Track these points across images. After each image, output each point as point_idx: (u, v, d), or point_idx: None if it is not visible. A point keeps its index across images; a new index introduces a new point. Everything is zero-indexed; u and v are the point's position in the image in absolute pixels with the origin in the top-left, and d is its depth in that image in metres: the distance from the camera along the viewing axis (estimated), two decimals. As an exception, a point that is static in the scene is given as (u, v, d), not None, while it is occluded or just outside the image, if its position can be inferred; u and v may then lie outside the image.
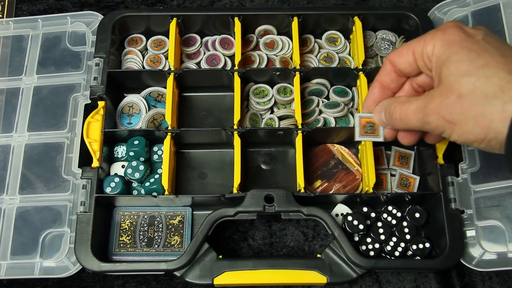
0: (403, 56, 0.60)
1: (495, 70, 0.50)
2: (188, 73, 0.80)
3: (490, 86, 0.49)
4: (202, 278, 0.69)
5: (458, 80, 0.52)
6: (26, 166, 0.76)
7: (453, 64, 0.53)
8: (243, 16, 0.83)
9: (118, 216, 0.75)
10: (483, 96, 0.50)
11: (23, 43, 0.83)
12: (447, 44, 0.54)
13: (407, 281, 0.74)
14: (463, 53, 0.53)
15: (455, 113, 0.52)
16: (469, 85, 0.51)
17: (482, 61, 0.51)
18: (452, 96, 0.52)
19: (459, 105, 0.51)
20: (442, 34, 0.55)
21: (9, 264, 0.71)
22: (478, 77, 0.50)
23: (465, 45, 0.53)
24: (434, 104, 0.54)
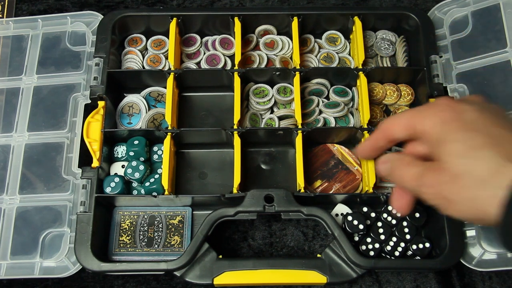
0: (397, 130, 0.61)
1: (489, 153, 0.50)
2: (188, 73, 0.80)
3: (484, 170, 0.50)
4: (202, 278, 0.69)
5: (453, 160, 0.52)
6: (26, 166, 0.76)
7: (447, 144, 0.53)
8: (243, 16, 0.83)
9: (118, 216, 0.75)
10: (477, 179, 0.50)
11: (23, 43, 0.84)
12: (442, 123, 0.55)
13: (407, 281, 0.74)
14: (456, 134, 0.53)
15: (450, 192, 0.53)
16: (463, 166, 0.51)
17: (476, 142, 0.51)
18: (447, 175, 0.52)
19: (454, 185, 0.52)
20: (436, 112, 0.56)
21: (9, 264, 0.71)
22: (472, 159, 0.51)
23: (459, 125, 0.53)
24: (429, 178, 0.55)
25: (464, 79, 0.78)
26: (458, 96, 0.78)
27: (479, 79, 0.78)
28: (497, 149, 0.50)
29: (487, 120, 0.53)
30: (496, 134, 0.51)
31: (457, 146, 0.52)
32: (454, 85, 0.78)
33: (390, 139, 0.63)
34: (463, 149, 0.52)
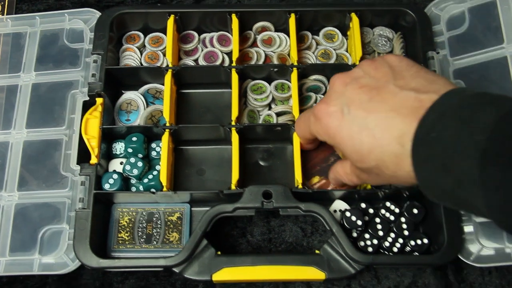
0: (306, 138, 0.69)
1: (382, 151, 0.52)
2: (186, 70, 0.80)
3: (389, 166, 0.52)
4: (201, 274, 0.69)
5: (363, 166, 0.55)
6: (24, 163, 0.76)
7: (348, 155, 0.57)
8: (240, 13, 0.83)
9: (117, 213, 0.75)
10: (391, 173, 0.52)
11: (21, 40, 0.84)
12: (330, 137, 0.58)
13: (406, 276, 0.74)
14: (347, 144, 0.55)
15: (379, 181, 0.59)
16: (374, 168, 0.54)
17: (366, 146, 0.53)
18: (368, 175, 0.58)
19: (378, 178, 0.56)
20: (318, 125, 0.59)
21: (8, 260, 0.71)
22: (375, 163, 0.53)
23: (344, 134, 0.55)
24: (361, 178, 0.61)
25: (461, 75, 0.78)
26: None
27: (476, 75, 0.78)
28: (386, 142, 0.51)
29: (363, 113, 0.53)
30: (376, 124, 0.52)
31: (356, 155, 0.55)
32: (452, 81, 0.79)
33: (308, 141, 0.71)
34: (362, 156, 0.54)
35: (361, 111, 0.53)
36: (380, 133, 0.51)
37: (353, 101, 0.54)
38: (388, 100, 0.52)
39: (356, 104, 0.53)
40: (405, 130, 0.49)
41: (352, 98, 0.54)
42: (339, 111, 0.55)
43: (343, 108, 0.54)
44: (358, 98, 0.53)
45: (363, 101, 0.53)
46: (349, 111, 0.54)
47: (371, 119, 0.52)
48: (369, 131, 0.52)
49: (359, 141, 0.53)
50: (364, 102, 0.53)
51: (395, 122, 0.50)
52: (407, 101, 0.50)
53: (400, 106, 0.50)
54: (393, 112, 0.50)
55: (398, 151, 0.50)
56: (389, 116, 0.51)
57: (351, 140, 0.53)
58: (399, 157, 0.50)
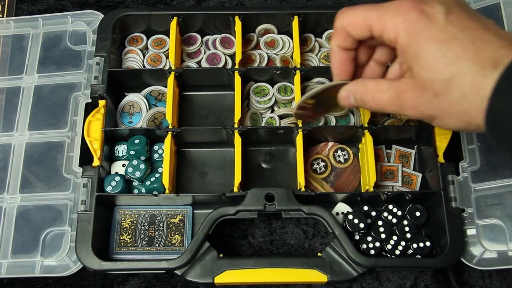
0: (358, 28, 0.55)
1: (467, 64, 0.48)
2: (188, 72, 0.80)
3: (465, 84, 0.48)
4: (203, 277, 0.69)
5: (431, 78, 0.50)
6: (26, 165, 0.76)
7: (422, 60, 0.50)
8: (243, 15, 0.83)
9: (119, 215, 0.75)
10: (459, 94, 0.48)
11: (23, 42, 0.84)
12: (411, 34, 0.51)
13: (408, 279, 0.74)
14: (431, 47, 0.50)
15: (434, 109, 0.51)
16: (443, 84, 0.49)
17: (452, 54, 0.49)
18: (427, 94, 0.51)
19: (436, 103, 0.50)
20: (402, 18, 0.51)
21: (10, 263, 0.71)
22: (451, 75, 0.49)
23: (431, 35, 0.50)
24: (409, 100, 0.53)
25: (464, 78, 0.78)
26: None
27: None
28: (475, 58, 0.48)
29: (458, 22, 0.50)
30: (471, 39, 0.49)
31: (434, 63, 0.50)
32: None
33: (351, 41, 0.58)
34: (440, 64, 0.49)
35: (459, 23, 0.49)
36: (473, 48, 0.48)
37: (453, 11, 0.50)
38: (489, 26, 0.50)
39: (456, 15, 0.50)
40: (501, 55, 0.47)
41: (452, 9, 0.51)
42: (436, 12, 0.50)
43: (440, 11, 0.50)
44: (458, 12, 0.51)
45: (464, 16, 0.50)
46: (447, 17, 0.50)
47: (468, 33, 0.49)
48: (461, 42, 0.49)
49: (445, 48, 0.49)
50: (465, 18, 0.50)
51: (493, 45, 0.48)
52: (503, 34, 0.49)
53: (502, 35, 0.49)
54: (494, 36, 0.49)
55: (485, 72, 0.47)
56: (488, 38, 0.49)
57: (437, 43, 0.49)
58: (482, 79, 0.47)
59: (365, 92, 0.57)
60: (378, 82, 0.56)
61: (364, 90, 0.57)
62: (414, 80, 0.52)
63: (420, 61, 0.50)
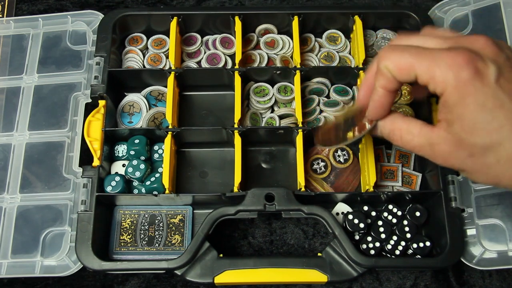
0: (404, 74, 0.51)
1: (508, 135, 0.47)
2: (188, 72, 0.80)
3: (502, 152, 0.47)
4: (203, 277, 0.69)
5: (471, 141, 0.49)
6: (26, 165, 0.76)
7: (465, 121, 0.48)
8: (243, 15, 0.83)
9: (119, 215, 0.75)
10: (495, 160, 0.48)
11: (23, 42, 0.84)
12: (460, 95, 0.48)
13: (408, 279, 0.74)
14: (477, 112, 0.48)
15: (465, 166, 0.50)
16: (481, 148, 0.48)
17: (496, 123, 0.47)
18: (462, 152, 0.49)
19: (470, 161, 0.49)
20: (453, 76, 0.48)
21: (10, 262, 0.71)
22: (491, 142, 0.48)
23: (480, 100, 0.47)
24: (441, 152, 0.51)
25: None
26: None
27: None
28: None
29: (508, 86, 0.48)
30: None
31: (476, 124, 0.48)
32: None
33: (396, 83, 0.54)
34: (482, 128, 0.48)
35: (509, 87, 0.48)
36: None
37: (505, 75, 0.48)
38: None
39: (506, 77, 0.48)
40: None
41: (504, 72, 0.48)
42: (489, 75, 0.48)
43: (493, 74, 0.48)
44: (510, 73, 0.49)
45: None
46: (498, 81, 0.48)
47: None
48: (507, 112, 0.47)
49: (491, 116, 0.47)
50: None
51: None
52: None
53: None
54: None
55: None
56: None
57: (484, 110, 0.47)
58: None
59: (394, 130, 0.56)
60: (409, 123, 0.54)
61: (392, 128, 0.56)
62: (451, 136, 0.50)
63: (463, 122, 0.49)
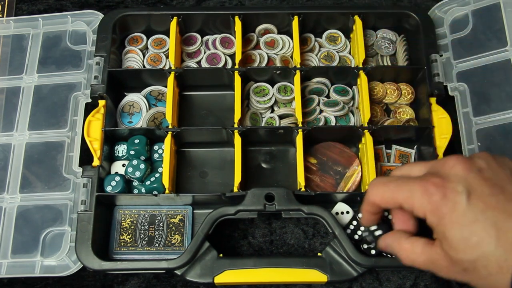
0: (389, 204, 0.57)
1: (490, 248, 0.49)
2: (188, 72, 0.80)
3: (490, 265, 0.49)
4: (203, 277, 0.69)
5: (458, 257, 0.51)
6: (26, 165, 0.76)
7: (449, 241, 0.51)
8: (243, 15, 0.83)
9: (119, 215, 0.75)
10: (486, 273, 0.49)
11: (23, 42, 0.84)
12: (437, 216, 0.52)
13: (408, 279, 0.74)
14: (455, 230, 0.51)
15: (464, 278, 0.53)
16: (470, 263, 0.50)
17: (476, 238, 0.49)
18: (457, 268, 0.52)
19: (466, 275, 0.52)
20: (427, 201, 0.52)
21: (10, 262, 0.71)
22: (477, 257, 0.50)
23: (454, 219, 0.51)
24: (442, 267, 0.54)
25: (464, 78, 0.78)
26: (458, 96, 0.78)
27: (479, 78, 0.78)
28: (496, 241, 0.49)
29: (479, 202, 0.51)
30: (492, 221, 0.49)
31: (459, 245, 0.51)
32: (455, 83, 0.78)
33: (380, 210, 0.61)
34: (465, 247, 0.50)
35: (481, 203, 0.50)
36: (495, 232, 0.49)
37: (475, 190, 0.51)
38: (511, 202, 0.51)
39: (477, 194, 0.51)
40: None
41: (474, 187, 0.51)
42: (457, 195, 0.51)
43: (462, 193, 0.51)
44: (480, 189, 0.51)
45: (485, 194, 0.51)
46: (469, 199, 0.51)
47: (490, 215, 0.50)
48: (483, 226, 0.50)
49: (469, 231, 0.50)
50: (486, 195, 0.51)
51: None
52: None
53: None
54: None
55: (508, 256, 0.48)
56: (510, 217, 0.49)
57: (461, 228, 0.50)
58: (505, 262, 0.48)
59: (400, 251, 0.58)
60: (412, 243, 0.57)
61: (399, 248, 0.59)
62: (444, 253, 0.53)
63: (447, 241, 0.52)
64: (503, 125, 0.74)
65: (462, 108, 0.77)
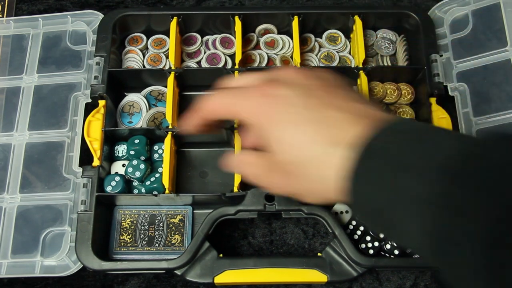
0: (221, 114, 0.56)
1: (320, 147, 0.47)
2: (188, 72, 0.80)
3: (321, 166, 0.47)
4: (203, 277, 0.69)
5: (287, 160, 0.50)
6: (26, 165, 0.76)
7: (275, 143, 0.50)
8: (243, 15, 0.83)
9: (119, 215, 0.75)
10: (312, 176, 0.48)
11: (23, 42, 0.84)
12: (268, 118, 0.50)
13: (408, 279, 0.74)
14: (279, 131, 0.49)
15: (297, 189, 0.52)
16: (301, 166, 0.49)
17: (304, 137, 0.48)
18: (290, 176, 0.51)
19: (297, 183, 0.51)
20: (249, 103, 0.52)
21: (10, 262, 0.71)
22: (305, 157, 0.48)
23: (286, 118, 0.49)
24: (275, 179, 0.53)
25: (464, 78, 0.78)
26: (458, 96, 0.78)
27: (480, 78, 0.78)
28: (326, 139, 0.47)
29: (302, 102, 0.49)
30: (320, 119, 0.48)
31: (286, 145, 0.49)
32: (455, 84, 0.78)
33: (211, 119, 0.58)
34: (293, 148, 0.48)
35: (310, 103, 0.49)
36: (321, 128, 0.48)
37: (308, 92, 0.50)
38: (341, 102, 0.49)
39: (309, 95, 0.50)
40: (352, 134, 0.46)
41: (307, 90, 0.50)
42: (287, 96, 0.50)
43: (294, 94, 0.50)
44: (314, 93, 0.50)
45: (319, 96, 0.50)
46: (300, 100, 0.50)
47: (319, 114, 0.48)
48: (311, 124, 0.48)
49: (294, 130, 0.49)
50: (319, 97, 0.50)
51: (343, 124, 0.47)
52: (360, 109, 0.48)
53: (351, 111, 0.48)
54: (344, 114, 0.48)
55: (338, 153, 0.46)
56: (339, 117, 0.47)
57: (286, 127, 0.49)
58: (339, 160, 0.46)
59: (241, 164, 0.57)
60: (254, 158, 0.55)
61: (240, 162, 0.58)
62: (275, 163, 0.52)
63: (274, 144, 0.50)
64: (503, 125, 0.74)
65: (462, 108, 0.77)
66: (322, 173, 0.47)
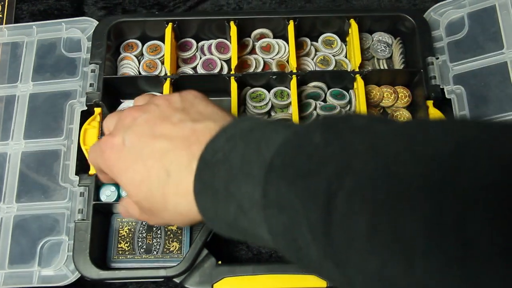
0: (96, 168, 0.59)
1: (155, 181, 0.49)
2: (184, 78, 0.80)
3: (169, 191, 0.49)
4: (202, 284, 0.69)
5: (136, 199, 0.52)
6: (22, 174, 0.75)
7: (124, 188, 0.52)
8: (238, 20, 0.82)
9: (116, 223, 0.75)
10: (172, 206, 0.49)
11: (18, 50, 0.83)
12: (110, 168, 0.53)
13: (407, 284, 0.74)
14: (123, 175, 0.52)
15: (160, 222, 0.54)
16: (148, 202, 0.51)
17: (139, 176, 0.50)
18: (144, 211, 0.53)
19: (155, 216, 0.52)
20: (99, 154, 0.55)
21: (7, 273, 0.71)
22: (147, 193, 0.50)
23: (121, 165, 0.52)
24: (138, 214, 0.55)
25: (461, 81, 0.78)
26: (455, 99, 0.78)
27: (476, 81, 0.78)
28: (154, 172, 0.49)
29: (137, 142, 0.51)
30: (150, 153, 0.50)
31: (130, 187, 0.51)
32: (451, 86, 0.78)
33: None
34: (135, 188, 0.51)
35: (138, 142, 0.51)
36: (152, 162, 0.49)
37: (135, 133, 0.52)
38: (167, 130, 0.50)
39: (136, 135, 0.51)
40: (182, 157, 0.47)
41: (135, 130, 0.52)
42: (122, 143, 0.52)
43: (124, 140, 0.52)
44: (140, 130, 0.51)
45: (145, 133, 0.51)
46: (129, 142, 0.51)
47: (147, 149, 0.50)
48: (143, 161, 0.50)
49: (132, 171, 0.50)
50: (145, 134, 0.51)
51: (171, 151, 0.48)
52: (184, 130, 0.49)
53: (178, 136, 0.49)
54: (170, 141, 0.49)
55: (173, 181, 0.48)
56: (165, 146, 0.49)
57: (126, 171, 0.51)
58: (166, 187, 0.48)
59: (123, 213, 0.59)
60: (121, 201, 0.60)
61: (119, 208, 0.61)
62: (131, 201, 0.55)
63: (126, 190, 0.52)
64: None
65: (459, 111, 0.77)
66: (173, 202, 0.49)
